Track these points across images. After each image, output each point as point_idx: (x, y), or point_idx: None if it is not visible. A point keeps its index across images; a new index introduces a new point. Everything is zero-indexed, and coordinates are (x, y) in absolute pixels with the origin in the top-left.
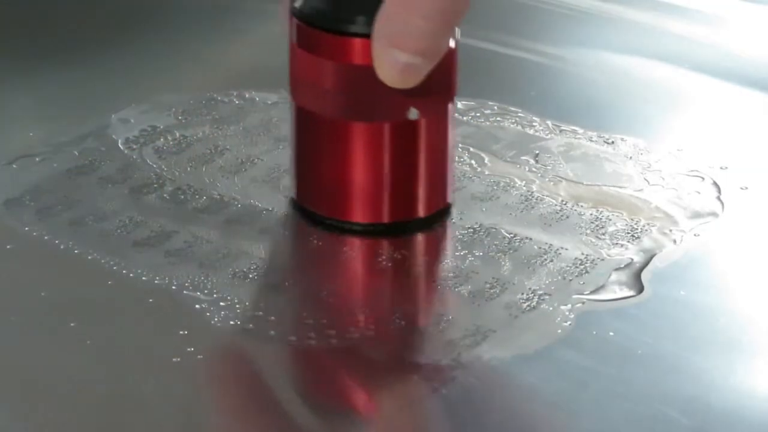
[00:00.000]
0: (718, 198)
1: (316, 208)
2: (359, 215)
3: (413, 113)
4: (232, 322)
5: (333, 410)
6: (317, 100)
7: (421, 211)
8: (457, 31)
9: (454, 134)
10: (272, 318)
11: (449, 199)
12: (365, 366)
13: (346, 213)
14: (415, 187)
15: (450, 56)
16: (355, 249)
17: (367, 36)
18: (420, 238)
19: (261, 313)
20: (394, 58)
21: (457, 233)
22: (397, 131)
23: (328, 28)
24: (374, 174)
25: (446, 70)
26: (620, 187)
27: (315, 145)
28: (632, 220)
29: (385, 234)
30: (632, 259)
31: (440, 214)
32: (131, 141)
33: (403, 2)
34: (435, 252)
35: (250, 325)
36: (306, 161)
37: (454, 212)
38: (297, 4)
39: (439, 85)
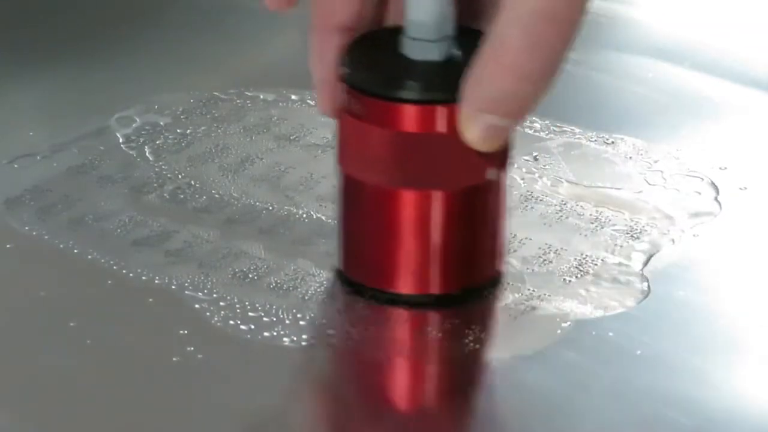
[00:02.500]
0: (718, 198)
1: (363, 279)
2: (407, 286)
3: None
4: (232, 322)
5: (331, 411)
6: (367, 168)
7: (472, 282)
8: None
9: (506, 200)
10: (271, 318)
11: (500, 268)
12: (365, 366)
13: (393, 284)
14: (467, 257)
15: None
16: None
17: (420, 102)
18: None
19: (260, 313)
20: (483, 121)
21: None
22: (451, 199)
23: (380, 95)
24: (423, 243)
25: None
26: (620, 188)
27: (364, 215)
28: (632, 220)
29: (433, 306)
30: (632, 260)
31: (491, 284)
32: (131, 140)
33: (503, 65)
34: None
35: (250, 325)
36: (353, 231)
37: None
38: (346, 70)
39: (499, 150)
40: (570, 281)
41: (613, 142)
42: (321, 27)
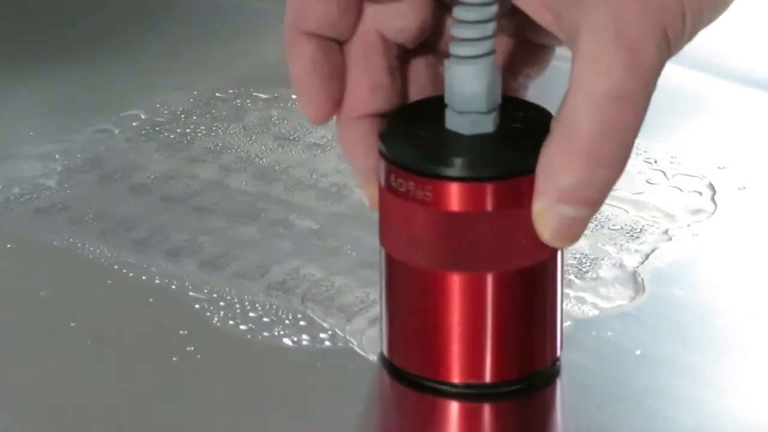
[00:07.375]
0: (717, 198)
1: (407, 366)
2: (457, 375)
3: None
4: (231, 322)
5: (331, 411)
6: (412, 249)
7: (527, 371)
8: None
9: (563, 282)
10: (271, 318)
11: (558, 353)
12: (363, 366)
13: (441, 372)
14: (521, 343)
15: None
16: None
17: (468, 180)
18: None
19: (260, 313)
20: (559, 214)
21: None
22: (501, 281)
23: (426, 173)
24: (476, 329)
25: None
26: (620, 188)
27: (409, 298)
28: (632, 219)
29: (486, 397)
30: (631, 259)
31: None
32: (131, 140)
33: (575, 151)
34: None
35: (250, 325)
36: (399, 314)
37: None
38: (386, 146)
39: None
40: (570, 280)
41: None
42: (294, 28)
